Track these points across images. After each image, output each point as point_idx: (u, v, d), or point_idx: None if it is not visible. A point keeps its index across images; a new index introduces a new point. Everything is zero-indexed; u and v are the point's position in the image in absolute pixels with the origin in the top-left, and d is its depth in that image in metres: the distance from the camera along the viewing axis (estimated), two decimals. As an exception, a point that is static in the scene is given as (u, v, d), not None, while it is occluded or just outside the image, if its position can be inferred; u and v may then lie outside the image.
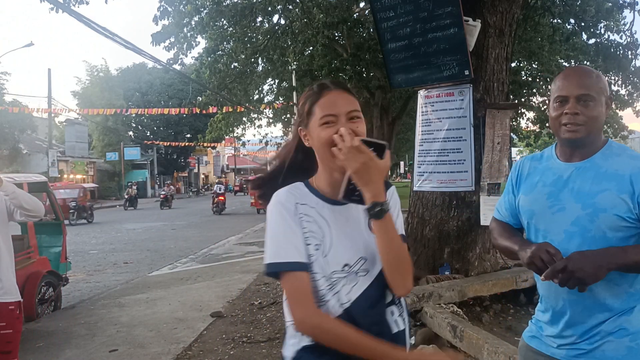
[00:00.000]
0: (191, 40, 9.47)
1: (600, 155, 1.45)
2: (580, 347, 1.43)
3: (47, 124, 27.02)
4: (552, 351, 1.48)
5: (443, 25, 4.36)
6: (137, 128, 42.19)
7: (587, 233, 1.39)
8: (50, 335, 4.48)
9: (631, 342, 1.37)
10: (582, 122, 1.41)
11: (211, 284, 6.49)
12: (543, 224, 1.49)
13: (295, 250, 1.19)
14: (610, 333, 1.39)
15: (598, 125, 1.45)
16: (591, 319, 1.41)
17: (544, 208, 1.48)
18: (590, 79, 1.44)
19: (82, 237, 13.04)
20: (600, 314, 1.40)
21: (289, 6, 10.51)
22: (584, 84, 1.43)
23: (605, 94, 1.45)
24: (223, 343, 4.10)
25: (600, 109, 1.44)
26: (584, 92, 1.42)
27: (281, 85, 19.84)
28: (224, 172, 61.19)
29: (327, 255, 1.20)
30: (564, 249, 1.37)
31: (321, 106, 1.24)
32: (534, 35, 12.13)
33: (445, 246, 4.73)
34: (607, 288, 1.39)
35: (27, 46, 24.64)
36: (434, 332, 3.70)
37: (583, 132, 1.42)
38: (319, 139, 1.23)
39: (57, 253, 6.12)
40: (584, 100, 1.42)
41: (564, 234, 1.43)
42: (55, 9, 6.34)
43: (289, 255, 1.18)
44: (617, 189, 1.38)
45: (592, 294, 1.39)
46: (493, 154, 4.50)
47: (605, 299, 1.40)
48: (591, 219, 1.39)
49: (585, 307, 1.41)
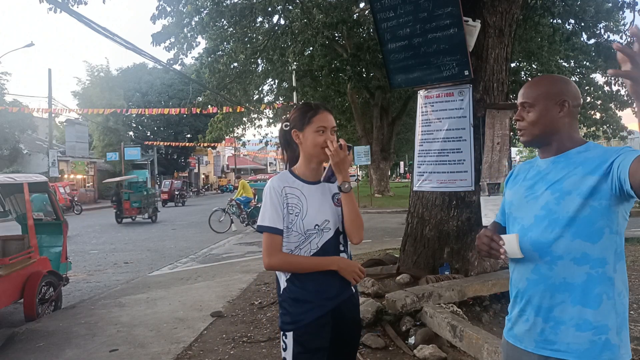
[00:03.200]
0: (191, 40, 9.47)
1: (576, 151, 1.52)
2: (546, 337, 1.48)
3: (48, 124, 27.05)
4: (525, 344, 1.53)
5: (443, 25, 4.36)
6: (137, 128, 42.19)
7: (553, 215, 1.47)
8: (51, 335, 4.49)
9: (594, 336, 1.41)
10: (522, 127, 1.58)
11: (211, 284, 6.50)
12: (518, 212, 1.60)
13: (276, 219, 1.83)
14: (575, 325, 1.43)
15: (546, 128, 1.54)
16: (552, 299, 1.47)
17: (521, 198, 1.60)
18: (531, 87, 1.58)
19: (82, 237, 13.04)
20: (560, 294, 1.46)
21: (288, 6, 10.51)
22: (524, 93, 1.58)
23: (554, 98, 1.52)
24: (223, 343, 4.11)
25: (542, 113, 1.53)
26: (522, 100, 1.58)
27: (281, 85, 19.85)
28: (224, 172, 61.21)
29: (304, 219, 1.85)
30: (531, 231, 1.51)
31: (317, 119, 1.88)
32: (534, 35, 12.14)
33: (445, 246, 4.73)
34: (568, 268, 1.45)
35: (27, 46, 24.72)
36: (434, 331, 3.71)
37: (528, 135, 1.57)
38: (315, 141, 1.87)
39: (57, 253, 6.13)
40: (524, 107, 1.57)
41: (534, 218, 1.53)
42: (54, 9, 6.34)
43: (270, 221, 1.84)
44: (582, 173, 1.44)
45: (553, 273, 1.46)
46: (493, 154, 4.51)
47: (565, 278, 1.45)
48: (557, 201, 1.47)
49: (546, 287, 1.48)
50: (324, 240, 1.86)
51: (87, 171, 34.36)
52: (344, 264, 1.88)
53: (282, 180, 1.89)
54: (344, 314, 1.89)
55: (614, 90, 14.92)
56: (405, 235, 5.15)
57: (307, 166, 1.92)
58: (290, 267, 1.86)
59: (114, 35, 7.89)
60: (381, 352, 3.64)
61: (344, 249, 1.95)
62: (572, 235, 1.44)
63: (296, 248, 1.85)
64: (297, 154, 1.97)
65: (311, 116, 1.88)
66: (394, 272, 5.11)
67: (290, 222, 1.84)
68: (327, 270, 1.85)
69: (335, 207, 1.91)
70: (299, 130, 1.90)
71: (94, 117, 32.08)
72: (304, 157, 1.92)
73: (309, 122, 1.88)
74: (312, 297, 1.84)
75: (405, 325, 3.89)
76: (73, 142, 31.59)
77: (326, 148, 1.85)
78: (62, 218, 6.40)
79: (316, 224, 1.85)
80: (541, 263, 1.49)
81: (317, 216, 1.86)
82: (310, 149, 1.88)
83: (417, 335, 3.71)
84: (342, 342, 1.93)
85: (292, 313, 1.84)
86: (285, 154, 2.04)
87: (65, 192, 23.19)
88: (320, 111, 1.90)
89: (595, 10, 9.34)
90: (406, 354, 3.58)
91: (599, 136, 21.74)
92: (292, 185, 1.88)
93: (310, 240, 1.85)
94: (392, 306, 3.95)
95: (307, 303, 1.83)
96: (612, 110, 18.93)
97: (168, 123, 39.66)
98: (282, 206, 1.84)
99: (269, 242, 1.84)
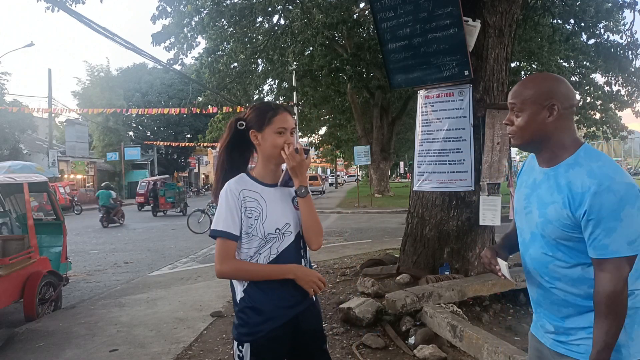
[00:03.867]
0: (191, 40, 9.46)
1: (565, 164, 1.45)
2: (559, 338, 1.51)
3: (48, 124, 27.05)
4: (544, 339, 1.58)
5: (443, 25, 4.36)
6: (137, 128, 42.18)
7: (543, 239, 1.49)
8: (51, 335, 4.48)
9: None
10: (512, 131, 1.52)
11: (211, 284, 6.49)
12: (520, 222, 1.62)
13: (231, 223, 1.75)
14: (583, 328, 1.44)
15: (535, 133, 1.47)
16: (559, 312, 1.50)
17: (521, 208, 1.60)
18: (520, 88, 1.50)
19: (82, 237, 13.05)
20: (565, 309, 1.48)
21: (288, 6, 10.51)
22: (513, 92, 1.52)
23: (542, 102, 1.44)
24: (223, 343, 4.11)
25: (530, 118, 1.46)
26: (510, 100, 1.52)
27: (281, 85, 19.85)
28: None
29: (264, 223, 1.77)
30: (530, 248, 1.54)
31: (278, 120, 1.81)
32: (534, 35, 12.14)
33: (445, 246, 4.73)
34: (567, 288, 1.46)
35: (27, 46, 24.71)
36: (434, 331, 3.71)
37: (518, 140, 1.51)
38: (274, 142, 1.80)
39: (57, 253, 6.13)
40: (512, 110, 1.51)
41: (530, 235, 1.54)
42: (52, 7, 6.32)
43: (225, 226, 1.75)
44: (562, 203, 1.41)
45: (554, 292, 1.49)
46: (493, 154, 4.51)
47: (566, 296, 1.47)
48: (543, 227, 1.47)
49: (552, 302, 1.51)
50: (285, 246, 1.79)
51: (87, 171, 34.37)
52: (302, 272, 1.78)
53: (239, 183, 1.80)
54: (301, 326, 1.82)
55: (614, 90, 14.90)
56: (405, 235, 5.15)
57: (265, 168, 1.85)
58: (244, 275, 1.78)
59: (114, 35, 7.89)
60: (381, 352, 3.64)
61: (304, 254, 1.88)
62: (565, 261, 1.45)
63: (255, 253, 1.77)
64: (246, 157, 1.91)
65: (271, 116, 1.81)
66: (394, 272, 5.11)
67: (249, 227, 1.76)
68: (285, 279, 1.77)
69: (296, 210, 1.85)
70: (257, 131, 1.82)
71: (94, 117, 32.08)
72: (262, 159, 1.85)
73: (269, 122, 1.81)
74: (270, 307, 1.76)
75: (405, 325, 3.89)
76: (73, 142, 31.60)
77: (282, 151, 1.78)
78: (62, 218, 6.40)
79: (277, 228, 1.78)
80: (543, 281, 1.52)
81: (278, 219, 1.79)
82: (270, 150, 1.81)
83: (417, 335, 3.71)
84: (304, 354, 1.87)
85: (250, 323, 1.76)
86: (233, 155, 1.91)
87: (65, 192, 23.22)
88: (280, 111, 1.83)
89: (595, 10, 9.33)
90: (406, 354, 3.58)
91: (599, 136, 21.75)
92: (251, 189, 1.80)
93: (270, 244, 1.78)
94: (392, 306, 3.95)
95: (264, 313, 1.76)
96: (612, 110, 18.94)
97: (168, 123, 39.64)
98: (239, 210, 1.76)
99: (222, 248, 1.75)
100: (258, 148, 1.85)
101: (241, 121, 1.87)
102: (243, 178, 1.84)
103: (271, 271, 1.76)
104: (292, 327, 1.80)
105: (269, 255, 1.78)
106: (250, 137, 1.84)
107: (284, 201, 1.84)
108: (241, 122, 1.87)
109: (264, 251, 1.77)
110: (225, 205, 1.76)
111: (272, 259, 1.78)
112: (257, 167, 1.87)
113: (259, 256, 1.77)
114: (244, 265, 1.77)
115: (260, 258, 1.77)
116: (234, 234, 1.75)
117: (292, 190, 1.86)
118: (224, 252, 1.75)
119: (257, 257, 1.77)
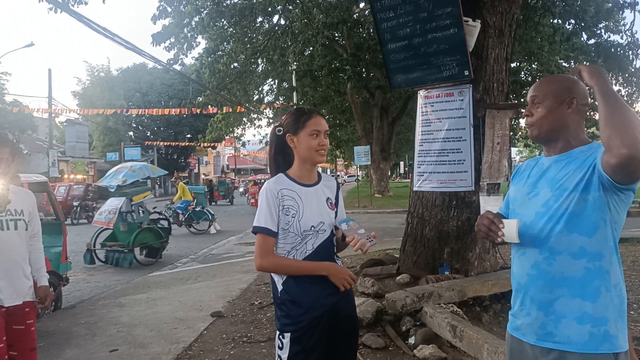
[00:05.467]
0: (191, 40, 9.48)
1: (579, 150, 1.56)
2: (545, 329, 1.52)
3: (48, 124, 27.02)
4: (527, 337, 1.58)
5: (443, 25, 4.36)
6: (137, 128, 42.15)
7: (552, 211, 1.52)
8: (51, 335, 4.48)
9: (593, 328, 1.45)
10: (531, 122, 1.63)
11: (211, 284, 6.50)
12: (520, 209, 1.65)
13: (270, 221, 1.88)
14: (576, 318, 1.47)
15: (554, 123, 1.58)
16: (551, 294, 1.51)
17: (524, 195, 1.65)
18: (542, 84, 1.64)
19: (82, 237, 13.03)
20: (559, 289, 1.50)
21: (289, 6, 10.50)
22: (535, 88, 1.64)
23: (563, 95, 1.57)
24: (223, 343, 4.11)
25: (551, 109, 1.58)
26: (532, 94, 1.63)
27: (281, 85, 19.85)
28: (224, 172, 61.20)
29: (300, 220, 1.91)
30: (532, 228, 1.55)
31: (311, 124, 1.95)
32: (534, 35, 12.13)
33: (445, 246, 4.73)
34: (566, 262, 1.49)
35: (27, 46, 24.69)
36: (434, 331, 3.71)
37: (537, 130, 1.61)
38: (309, 144, 1.94)
39: (57, 253, 6.12)
40: (533, 102, 1.62)
41: (534, 215, 1.57)
42: (54, 9, 6.33)
43: (265, 223, 1.89)
44: (577, 168, 1.50)
45: (552, 268, 1.51)
46: (493, 154, 4.51)
47: (563, 272, 1.50)
48: (556, 199, 1.52)
49: (545, 282, 1.52)
50: (319, 242, 1.93)
51: (87, 171, 34.37)
52: (334, 269, 1.92)
53: (278, 183, 1.94)
54: (340, 312, 1.94)
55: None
56: (405, 235, 5.15)
57: (301, 169, 1.98)
58: (282, 270, 1.91)
59: (114, 35, 7.89)
60: (381, 352, 3.64)
61: (337, 258, 2.01)
62: (569, 230, 1.48)
63: (292, 249, 1.91)
64: (290, 160, 2.02)
65: (305, 120, 1.95)
66: (394, 272, 5.11)
67: (286, 224, 1.90)
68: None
69: (329, 210, 1.99)
70: (293, 135, 1.96)
71: (94, 117, 32.07)
72: (298, 160, 1.99)
73: (303, 126, 1.95)
74: (308, 299, 1.88)
75: (405, 326, 3.89)
76: (73, 142, 31.61)
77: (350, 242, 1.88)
78: (62, 218, 6.39)
79: (312, 225, 1.91)
80: (541, 259, 1.53)
81: (314, 218, 1.92)
82: (305, 152, 1.95)
83: (417, 336, 3.71)
84: (341, 338, 1.97)
85: (291, 315, 1.89)
86: (277, 159, 2.05)
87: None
88: (314, 115, 1.98)
89: (595, 10, 9.34)
90: (406, 354, 3.58)
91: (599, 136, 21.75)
92: (289, 188, 1.93)
93: (306, 241, 1.91)
94: (392, 306, 3.95)
95: (303, 305, 1.88)
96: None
97: (168, 123, 39.61)
98: (278, 208, 1.89)
99: (262, 244, 1.89)
100: (294, 150, 1.99)
101: (279, 127, 2.02)
102: (281, 178, 1.97)
103: (307, 267, 1.90)
104: (331, 314, 1.91)
105: (304, 251, 1.91)
106: (287, 141, 1.99)
107: (319, 201, 1.98)
108: (279, 128, 2.02)
109: (300, 247, 1.91)
110: (265, 203, 1.90)
111: (308, 255, 1.91)
112: (294, 168, 2.00)
113: (296, 252, 1.91)
114: (282, 261, 1.90)
115: (296, 254, 1.91)
116: (273, 230, 1.89)
117: (325, 191, 2.02)
118: (264, 247, 1.90)
119: (293, 253, 1.91)
